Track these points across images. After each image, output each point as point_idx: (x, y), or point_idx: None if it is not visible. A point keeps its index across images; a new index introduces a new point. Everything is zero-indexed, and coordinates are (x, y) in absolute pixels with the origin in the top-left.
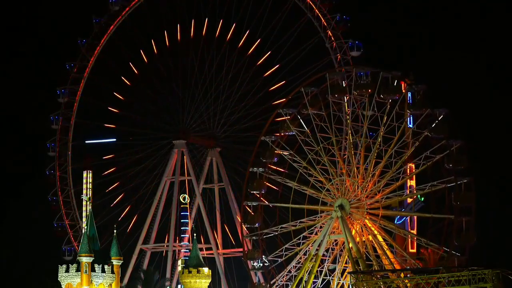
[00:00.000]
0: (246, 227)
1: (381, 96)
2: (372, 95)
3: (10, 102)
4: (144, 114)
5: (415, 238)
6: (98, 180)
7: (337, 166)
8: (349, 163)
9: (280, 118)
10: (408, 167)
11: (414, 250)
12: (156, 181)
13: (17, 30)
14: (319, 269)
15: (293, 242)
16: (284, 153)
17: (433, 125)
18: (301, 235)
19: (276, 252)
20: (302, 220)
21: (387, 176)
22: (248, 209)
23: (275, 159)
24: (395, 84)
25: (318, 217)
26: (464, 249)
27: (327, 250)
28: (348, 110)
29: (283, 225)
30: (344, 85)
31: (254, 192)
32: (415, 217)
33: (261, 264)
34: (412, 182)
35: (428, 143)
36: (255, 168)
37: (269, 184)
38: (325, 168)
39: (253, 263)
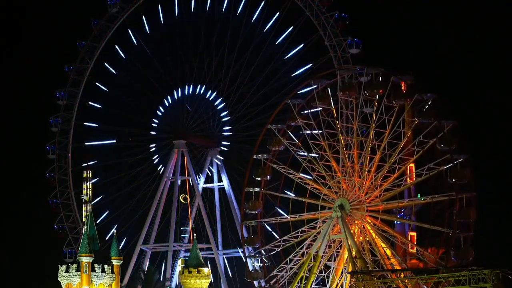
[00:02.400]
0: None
1: (365, 93)
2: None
3: (10, 104)
4: (144, 114)
5: (417, 227)
6: (98, 181)
7: (332, 169)
8: (344, 164)
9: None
10: (408, 167)
11: (414, 250)
12: (156, 181)
13: (17, 32)
14: (326, 274)
15: (296, 252)
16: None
17: (421, 112)
18: (304, 243)
19: (281, 264)
20: (303, 229)
21: (384, 168)
22: (247, 229)
23: (268, 177)
24: (380, 80)
25: (319, 224)
26: (469, 226)
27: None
28: (336, 115)
29: (285, 237)
30: (329, 93)
31: (251, 212)
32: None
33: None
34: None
35: (421, 131)
36: (250, 189)
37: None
38: (321, 174)
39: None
